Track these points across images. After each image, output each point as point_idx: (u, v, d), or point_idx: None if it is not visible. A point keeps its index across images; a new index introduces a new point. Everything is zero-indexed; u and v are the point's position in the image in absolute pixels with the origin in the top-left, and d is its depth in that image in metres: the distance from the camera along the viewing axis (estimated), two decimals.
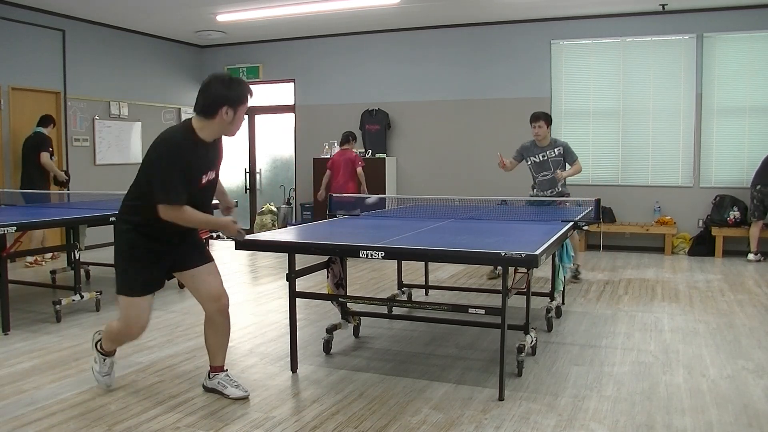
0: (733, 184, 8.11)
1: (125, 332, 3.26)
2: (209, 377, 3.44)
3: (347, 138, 8.31)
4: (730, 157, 8.14)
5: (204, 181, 3.14)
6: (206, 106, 3.06)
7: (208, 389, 3.43)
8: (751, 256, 7.46)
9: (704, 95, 8.15)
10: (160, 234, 3.13)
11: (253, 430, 2.96)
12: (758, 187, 7.50)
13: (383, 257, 3.24)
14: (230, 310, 3.37)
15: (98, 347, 3.45)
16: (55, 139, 8.27)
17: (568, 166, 6.26)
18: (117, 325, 3.26)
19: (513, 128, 8.96)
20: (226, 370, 3.44)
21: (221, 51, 10.57)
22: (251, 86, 3.24)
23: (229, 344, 4.30)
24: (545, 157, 6.26)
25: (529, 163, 6.35)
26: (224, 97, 3.04)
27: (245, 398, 3.33)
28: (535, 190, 6.46)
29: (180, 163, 2.97)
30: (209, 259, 3.35)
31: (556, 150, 6.24)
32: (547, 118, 6.29)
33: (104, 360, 3.46)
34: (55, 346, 4.30)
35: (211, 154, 3.18)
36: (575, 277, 6.35)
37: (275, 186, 10.69)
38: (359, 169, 8.13)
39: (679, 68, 8.25)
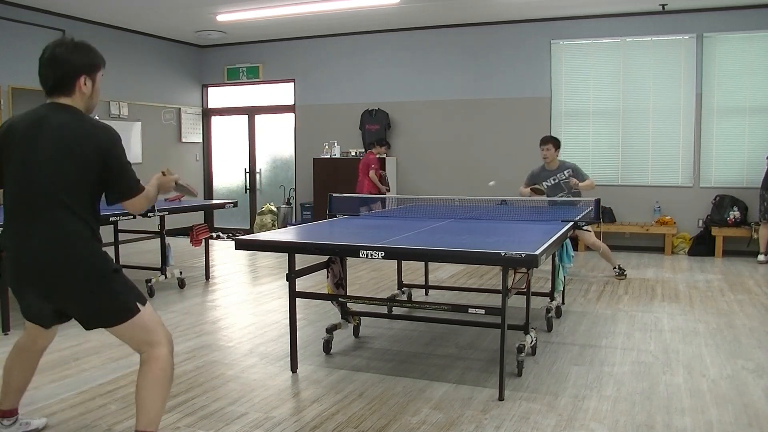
0: (733, 184, 8.11)
1: (171, 350, 2.62)
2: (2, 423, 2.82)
3: (373, 143, 8.81)
4: (730, 157, 8.14)
5: None
6: (56, 84, 2.48)
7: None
8: (761, 257, 7.43)
9: (704, 95, 8.16)
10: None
11: (253, 430, 2.96)
12: None
13: (383, 257, 3.24)
14: (231, 309, 3.37)
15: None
16: None
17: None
18: (161, 355, 2.57)
19: (513, 128, 8.97)
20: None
21: (221, 51, 10.57)
22: (251, 86, 3.18)
23: (230, 344, 4.33)
24: (556, 180, 6.46)
25: (544, 187, 6.49)
26: (76, 67, 2.48)
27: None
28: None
29: None
30: None
31: (566, 172, 6.44)
32: (556, 142, 6.48)
33: None
34: (55, 346, 4.29)
35: None
36: (621, 274, 6.49)
37: (275, 186, 10.69)
38: (371, 173, 8.43)
39: (679, 68, 8.25)
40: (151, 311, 2.62)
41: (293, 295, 3.73)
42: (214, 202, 7.04)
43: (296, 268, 3.72)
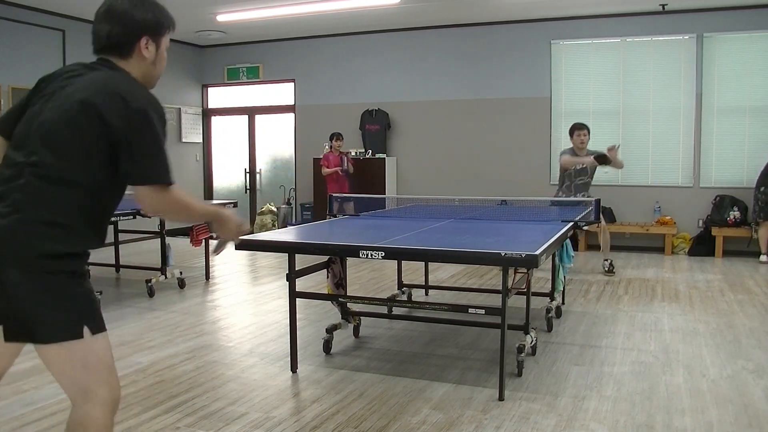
0: (733, 184, 8.11)
1: (115, 395, 1.95)
2: None
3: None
4: (730, 157, 8.14)
5: None
6: (114, 42, 2.07)
7: None
8: (763, 258, 7.42)
9: (704, 95, 8.16)
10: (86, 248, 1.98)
11: (253, 430, 2.96)
12: (762, 188, 7.47)
13: (383, 257, 3.24)
14: (231, 309, 3.37)
15: None
16: None
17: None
18: (101, 404, 1.90)
19: (513, 128, 8.97)
20: None
21: (221, 51, 10.57)
22: (251, 86, 3.11)
23: (230, 344, 4.33)
24: (584, 165, 6.64)
25: (571, 169, 6.68)
26: (139, 24, 2.02)
27: None
28: (564, 194, 6.75)
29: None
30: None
31: (592, 156, 6.59)
32: (589, 129, 6.71)
33: None
34: None
35: None
36: (610, 271, 6.65)
37: (275, 186, 10.69)
38: (323, 170, 8.71)
39: (679, 68, 8.25)
40: (101, 346, 1.91)
41: (293, 295, 3.73)
42: (214, 202, 7.04)
43: (296, 269, 3.72)
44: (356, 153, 9.35)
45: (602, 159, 6.42)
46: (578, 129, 6.69)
